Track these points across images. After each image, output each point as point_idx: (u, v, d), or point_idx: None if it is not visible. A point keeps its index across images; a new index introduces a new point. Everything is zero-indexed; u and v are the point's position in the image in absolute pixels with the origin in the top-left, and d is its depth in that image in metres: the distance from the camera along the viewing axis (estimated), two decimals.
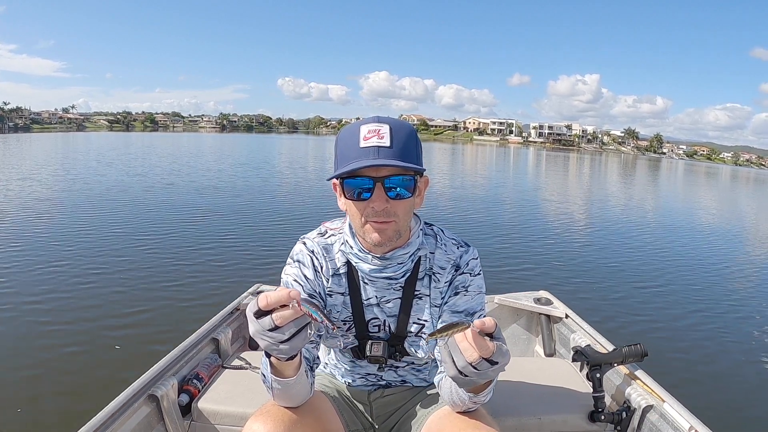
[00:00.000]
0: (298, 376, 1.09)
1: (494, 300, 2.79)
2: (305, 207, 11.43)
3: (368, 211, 1.15)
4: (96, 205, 10.14)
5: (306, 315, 0.89)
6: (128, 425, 1.62)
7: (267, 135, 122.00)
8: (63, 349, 3.76)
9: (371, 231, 1.17)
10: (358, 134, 1.14)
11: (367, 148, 1.12)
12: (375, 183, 1.13)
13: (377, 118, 1.16)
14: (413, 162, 1.14)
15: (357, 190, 1.15)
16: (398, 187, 1.14)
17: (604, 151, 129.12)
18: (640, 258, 7.84)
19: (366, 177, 1.13)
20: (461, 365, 0.93)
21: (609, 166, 52.17)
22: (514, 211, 12.66)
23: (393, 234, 1.18)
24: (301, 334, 0.90)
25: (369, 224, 1.17)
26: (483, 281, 1.34)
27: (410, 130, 1.17)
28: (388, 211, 1.15)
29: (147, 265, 5.95)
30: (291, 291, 0.88)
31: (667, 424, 1.71)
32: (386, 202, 1.14)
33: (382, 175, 1.13)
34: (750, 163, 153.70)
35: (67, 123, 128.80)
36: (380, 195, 1.13)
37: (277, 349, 0.92)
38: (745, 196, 28.78)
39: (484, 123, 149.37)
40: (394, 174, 1.13)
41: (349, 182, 1.15)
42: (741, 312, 5.53)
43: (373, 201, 1.14)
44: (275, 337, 0.89)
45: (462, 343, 0.93)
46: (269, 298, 0.88)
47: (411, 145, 1.16)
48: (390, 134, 1.13)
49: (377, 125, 1.14)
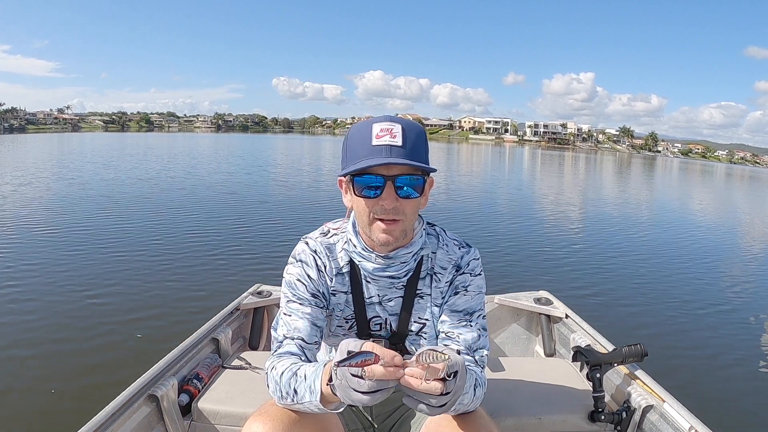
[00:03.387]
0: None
1: (494, 300, 2.79)
2: (305, 207, 11.43)
3: (377, 208, 1.16)
4: (95, 206, 10.08)
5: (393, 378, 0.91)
6: (128, 425, 1.62)
7: (263, 135, 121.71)
8: (63, 349, 3.74)
9: (379, 230, 1.18)
10: (370, 132, 1.14)
11: (379, 147, 1.12)
12: (386, 181, 1.14)
13: (389, 117, 1.17)
14: (423, 162, 1.16)
15: (367, 187, 1.16)
16: (408, 186, 1.15)
17: (600, 150, 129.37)
18: (640, 258, 7.84)
19: (377, 175, 1.14)
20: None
21: (605, 164, 52.25)
22: (514, 210, 12.68)
23: (400, 234, 1.20)
24: (378, 393, 0.92)
25: (377, 222, 1.18)
26: (483, 282, 1.35)
27: (421, 131, 1.18)
28: (397, 209, 1.16)
29: (147, 265, 5.93)
30: (397, 357, 0.91)
31: (667, 424, 1.71)
32: (396, 201, 1.15)
33: (393, 174, 1.14)
34: (745, 161, 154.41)
35: (62, 123, 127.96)
36: (390, 193, 1.14)
37: (347, 394, 0.94)
38: (741, 193, 28.89)
39: (479, 122, 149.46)
40: (405, 173, 1.14)
41: (359, 179, 1.16)
42: (741, 312, 5.54)
43: (384, 199, 1.15)
44: (353, 382, 0.92)
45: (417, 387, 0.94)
46: (377, 349, 0.92)
47: (421, 145, 1.17)
48: (402, 134, 1.14)
49: (390, 124, 1.15)
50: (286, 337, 1.25)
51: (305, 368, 1.12)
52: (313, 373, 1.08)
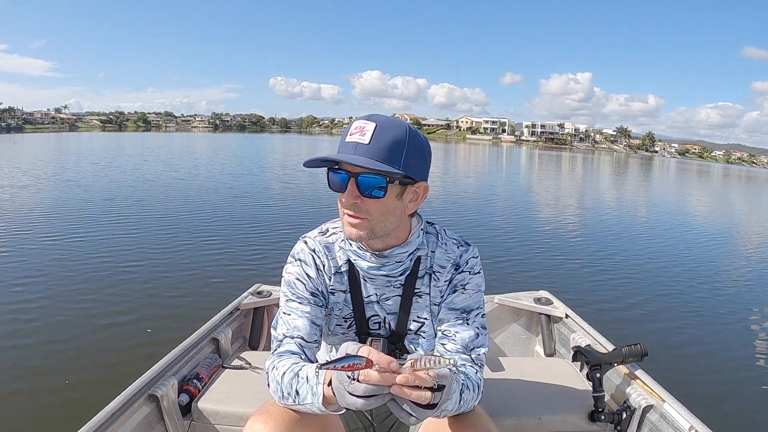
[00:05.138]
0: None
1: (494, 300, 2.79)
2: (304, 207, 11.42)
3: (344, 203, 1.18)
4: (95, 206, 10.06)
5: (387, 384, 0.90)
6: (128, 425, 1.62)
7: (260, 134, 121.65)
8: (63, 349, 3.73)
9: (346, 224, 1.20)
10: (350, 128, 1.16)
11: (348, 143, 1.14)
12: (349, 177, 1.15)
13: (369, 116, 1.16)
14: (392, 164, 1.12)
15: (332, 182, 1.19)
16: (369, 185, 1.15)
17: (597, 150, 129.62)
18: (640, 258, 7.86)
19: (344, 171, 1.16)
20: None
21: (602, 164, 52.35)
22: (513, 211, 12.68)
23: (365, 232, 1.19)
24: (371, 399, 0.93)
25: (345, 216, 1.19)
26: (482, 280, 1.34)
27: (399, 133, 1.14)
28: (358, 206, 1.16)
29: (147, 265, 5.92)
30: (393, 363, 0.91)
31: (667, 424, 1.72)
32: (356, 198, 1.15)
33: (357, 172, 1.14)
34: (742, 161, 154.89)
35: (60, 123, 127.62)
36: (351, 190, 1.15)
37: (342, 396, 0.95)
38: (739, 194, 28.97)
39: (476, 122, 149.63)
40: (367, 172, 1.14)
41: (331, 175, 1.19)
42: (741, 312, 5.55)
43: (344, 195, 1.16)
44: (349, 387, 0.93)
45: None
46: (373, 353, 0.92)
47: (395, 147, 1.13)
48: (373, 132, 1.12)
49: (364, 122, 1.15)
50: (285, 336, 1.25)
51: (307, 369, 1.11)
52: (314, 375, 1.08)
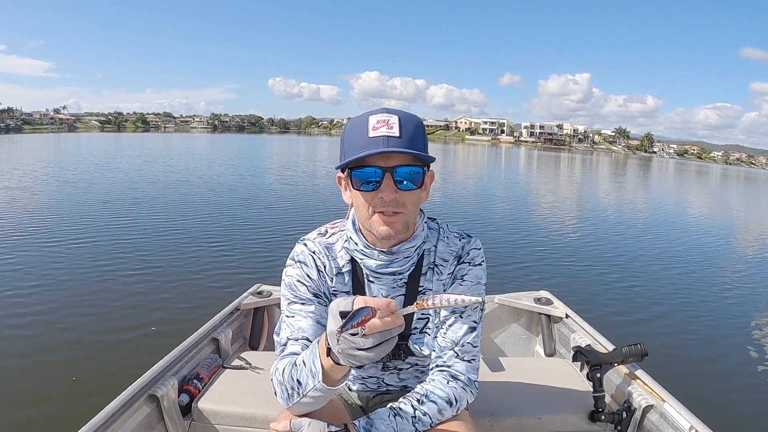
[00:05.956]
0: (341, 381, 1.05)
1: (494, 300, 2.78)
2: (304, 207, 11.45)
3: (376, 201, 1.14)
4: (95, 207, 10.07)
5: (393, 327, 0.89)
6: (128, 425, 1.61)
7: (259, 135, 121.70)
8: (63, 349, 3.74)
9: (379, 223, 1.15)
10: (367, 124, 1.12)
11: (376, 138, 1.10)
12: (384, 173, 1.11)
13: (385, 109, 1.14)
14: (425, 153, 1.13)
15: (365, 181, 1.13)
16: (407, 178, 1.13)
17: (596, 151, 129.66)
18: (640, 258, 7.88)
19: (375, 167, 1.11)
20: None
21: (601, 165, 52.39)
22: (513, 211, 12.70)
23: (402, 227, 1.17)
24: (382, 346, 0.89)
25: (377, 216, 1.15)
26: (483, 273, 1.31)
27: (418, 122, 1.16)
28: (397, 201, 1.13)
29: (147, 265, 5.92)
30: (391, 303, 0.88)
31: (667, 424, 1.71)
32: (395, 192, 1.12)
33: (391, 166, 1.11)
34: (740, 162, 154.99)
35: (59, 124, 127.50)
36: (389, 185, 1.11)
37: (352, 356, 0.90)
38: (738, 194, 28.99)
39: (475, 123, 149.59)
40: (403, 164, 1.12)
41: (357, 173, 1.13)
42: (741, 312, 5.57)
43: (383, 191, 1.12)
44: (356, 342, 0.88)
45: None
46: (369, 301, 0.88)
47: (419, 136, 1.14)
48: (399, 124, 1.11)
49: (386, 115, 1.12)
50: (289, 339, 1.21)
51: (302, 355, 1.09)
52: (310, 354, 1.04)
